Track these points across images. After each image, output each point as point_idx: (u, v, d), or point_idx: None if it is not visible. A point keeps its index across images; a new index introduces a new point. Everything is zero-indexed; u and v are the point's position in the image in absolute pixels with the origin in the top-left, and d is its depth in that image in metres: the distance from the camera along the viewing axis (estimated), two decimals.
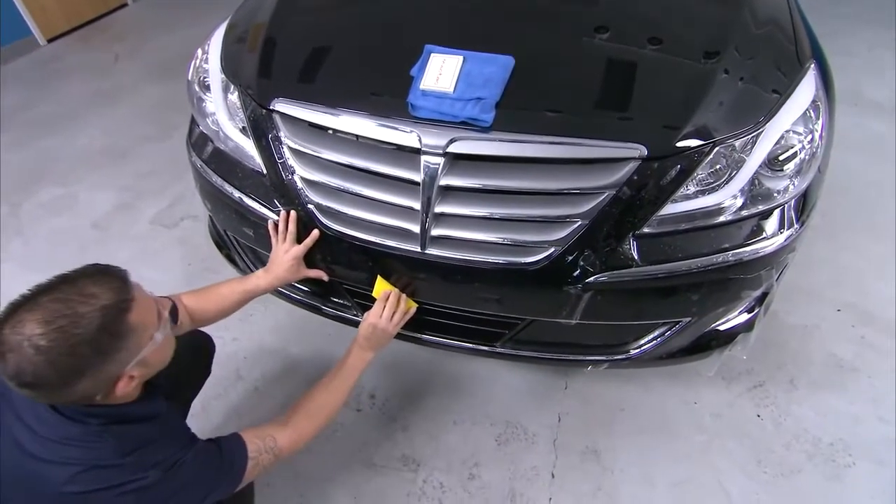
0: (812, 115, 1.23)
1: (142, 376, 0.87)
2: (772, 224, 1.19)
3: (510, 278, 1.17)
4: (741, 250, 1.16)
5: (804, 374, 1.70)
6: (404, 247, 1.18)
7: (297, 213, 1.25)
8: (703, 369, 1.60)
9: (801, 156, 1.19)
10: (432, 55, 1.21)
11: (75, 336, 0.75)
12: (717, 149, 1.13)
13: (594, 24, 1.33)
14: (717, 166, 1.15)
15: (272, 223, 1.28)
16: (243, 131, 1.34)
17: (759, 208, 1.17)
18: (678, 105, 1.16)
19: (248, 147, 1.32)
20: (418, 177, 1.13)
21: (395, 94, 1.18)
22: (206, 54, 1.49)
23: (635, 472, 1.50)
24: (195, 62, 1.52)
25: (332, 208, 1.23)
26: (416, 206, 1.15)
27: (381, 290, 1.26)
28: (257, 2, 1.58)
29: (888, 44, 3.35)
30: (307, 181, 1.24)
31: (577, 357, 1.41)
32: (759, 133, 1.16)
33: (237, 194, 1.34)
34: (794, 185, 1.19)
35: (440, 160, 1.12)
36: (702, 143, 1.12)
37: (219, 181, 1.37)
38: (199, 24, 3.52)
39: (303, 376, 1.74)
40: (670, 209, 1.14)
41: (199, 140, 1.46)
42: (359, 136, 1.19)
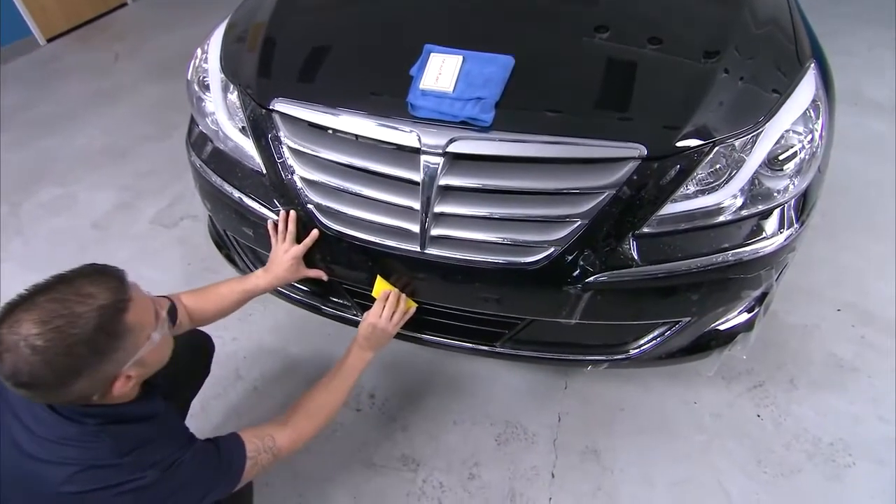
0: (812, 115, 1.22)
1: (139, 376, 0.87)
2: (772, 224, 1.19)
3: (510, 278, 1.17)
4: (741, 250, 1.16)
5: (804, 373, 1.69)
6: (404, 246, 1.18)
7: (297, 213, 1.25)
8: (702, 369, 1.60)
9: (801, 155, 1.19)
10: (432, 55, 1.21)
11: (72, 336, 0.75)
12: (716, 148, 1.13)
13: (594, 23, 1.32)
14: (717, 166, 1.15)
15: (272, 223, 1.28)
16: (243, 131, 1.34)
17: (759, 208, 1.17)
18: (678, 105, 1.16)
19: (248, 147, 1.32)
20: (418, 176, 1.13)
21: (395, 93, 1.18)
22: (206, 54, 1.49)
23: (635, 471, 1.49)
24: (195, 62, 1.51)
25: (331, 208, 1.23)
26: (416, 205, 1.15)
27: (381, 289, 1.26)
28: (257, 1, 1.58)
29: (888, 43, 3.35)
30: (307, 181, 1.24)
31: (577, 357, 1.41)
32: (759, 133, 1.16)
33: (237, 194, 1.34)
34: (793, 184, 1.19)
35: (440, 160, 1.11)
36: (702, 142, 1.12)
37: (218, 181, 1.37)
38: (199, 23, 3.52)
39: (302, 376, 1.74)
40: (670, 209, 1.14)
41: (198, 140, 1.46)
42: (358, 136, 1.19)
